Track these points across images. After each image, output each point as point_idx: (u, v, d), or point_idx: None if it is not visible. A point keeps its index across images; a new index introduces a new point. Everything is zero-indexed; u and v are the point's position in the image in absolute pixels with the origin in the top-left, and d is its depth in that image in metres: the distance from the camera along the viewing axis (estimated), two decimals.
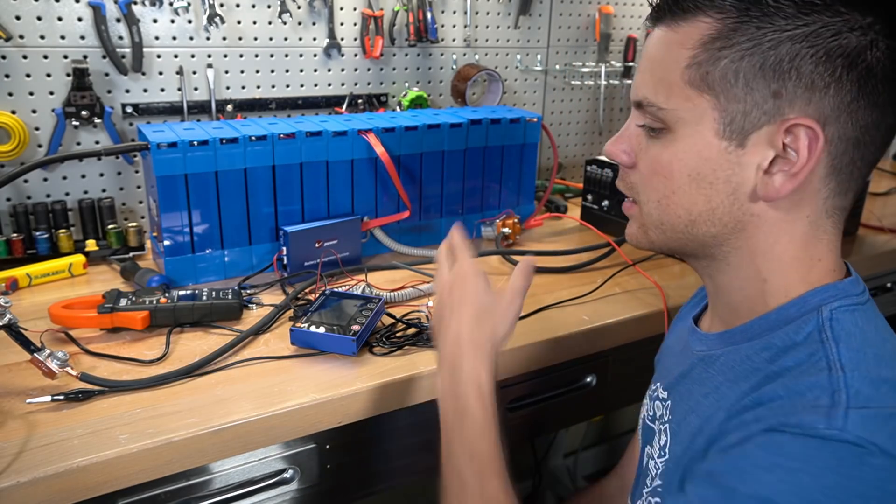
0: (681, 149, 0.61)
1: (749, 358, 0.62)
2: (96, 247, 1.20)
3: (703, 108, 0.59)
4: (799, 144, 0.57)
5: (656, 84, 0.61)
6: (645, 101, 0.62)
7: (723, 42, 0.57)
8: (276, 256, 1.16)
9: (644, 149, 0.65)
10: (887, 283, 1.48)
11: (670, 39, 0.61)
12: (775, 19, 0.55)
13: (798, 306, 0.61)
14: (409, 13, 1.47)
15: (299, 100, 1.41)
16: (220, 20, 1.28)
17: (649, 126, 0.63)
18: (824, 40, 0.54)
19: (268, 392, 0.83)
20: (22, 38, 1.15)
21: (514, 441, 1.12)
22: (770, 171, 0.58)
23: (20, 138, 1.16)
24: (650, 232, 0.67)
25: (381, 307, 0.97)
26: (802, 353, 0.57)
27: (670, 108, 0.60)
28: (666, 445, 0.68)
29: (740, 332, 0.65)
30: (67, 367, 0.80)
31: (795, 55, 0.55)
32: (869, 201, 1.54)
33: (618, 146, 0.67)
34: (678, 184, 0.62)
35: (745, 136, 0.58)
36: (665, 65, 0.61)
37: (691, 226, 0.63)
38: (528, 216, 1.43)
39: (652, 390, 0.80)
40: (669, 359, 0.79)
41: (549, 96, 1.76)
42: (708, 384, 0.65)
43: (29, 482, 0.68)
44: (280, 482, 0.87)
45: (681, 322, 0.84)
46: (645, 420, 0.79)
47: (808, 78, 0.55)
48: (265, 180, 1.13)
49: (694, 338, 0.73)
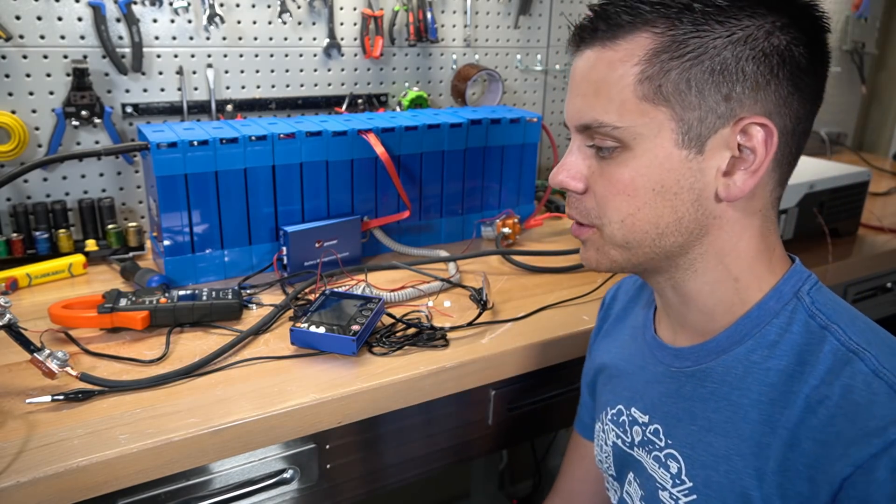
0: (642, 164, 0.60)
1: (751, 361, 0.62)
2: (96, 247, 1.20)
3: (661, 121, 0.59)
4: (754, 142, 0.59)
5: (605, 104, 0.60)
6: (595, 123, 0.61)
7: (669, 54, 0.58)
8: (276, 256, 1.16)
9: (597, 171, 0.64)
10: (887, 283, 1.48)
11: (610, 58, 0.60)
12: (712, 26, 0.57)
13: (775, 298, 0.63)
14: (409, 13, 1.47)
15: (299, 100, 1.41)
16: (220, 20, 1.28)
17: (600, 147, 0.62)
18: (759, 41, 0.57)
19: (268, 392, 0.83)
20: (22, 38, 1.15)
21: (514, 441, 1.12)
22: (730, 173, 0.60)
23: (20, 138, 1.16)
24: (612, 252, 0.65)
25: (380, 307, 0.97)
26: (810, 341, 0.59)
27: (626, 126, 0.60)
28: (681, 472, 0.65)
29: (727, 337, 0.64)
30: (67, 367, 0.80)
31: (739, 58, 0.57)
32: (869, 201, 1.54)
33: (567, 174, 0.65)
34: (643, 199, 0.61)
35: (702, 142, 0.59)
36: (611, 83, 0.60)
37: (659, 239, 0.62)
38: (528, 216, 1.43)
39: (615, 414, 0.77)
40: (630, 379, 0.76)
41: (549, 96, 1.76)
42: (714, 398, 0.64)
43: (29, 482, 0.68)
44: (280, 482, 0.87)
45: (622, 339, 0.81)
46: (618, 446, 0.76)
47: (752, 78, 0.58)
48: (265, 180, 1.13)
49: (665, 353, 0.71)
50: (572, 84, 0.65)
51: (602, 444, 0.80)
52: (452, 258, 1.23)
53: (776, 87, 0.58)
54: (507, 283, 1.18)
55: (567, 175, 0.65)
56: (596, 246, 0.67)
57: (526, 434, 1.11)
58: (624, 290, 0.87)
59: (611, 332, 0.85)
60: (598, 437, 0.82)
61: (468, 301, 1.08)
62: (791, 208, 1.31)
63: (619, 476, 0.77)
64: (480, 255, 1.27)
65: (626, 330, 0.82)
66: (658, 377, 0.71)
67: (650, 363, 0.73)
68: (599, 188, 0.63)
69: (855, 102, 2.36)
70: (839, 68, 2.23)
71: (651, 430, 0.70)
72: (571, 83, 0.65)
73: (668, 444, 0.68)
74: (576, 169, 0.65)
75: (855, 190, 1.43)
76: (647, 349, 0.74)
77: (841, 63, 2.24)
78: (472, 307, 1.05)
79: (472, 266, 1.24)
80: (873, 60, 2.32)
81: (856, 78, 2.27)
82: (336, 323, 0.92)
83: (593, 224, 0.66)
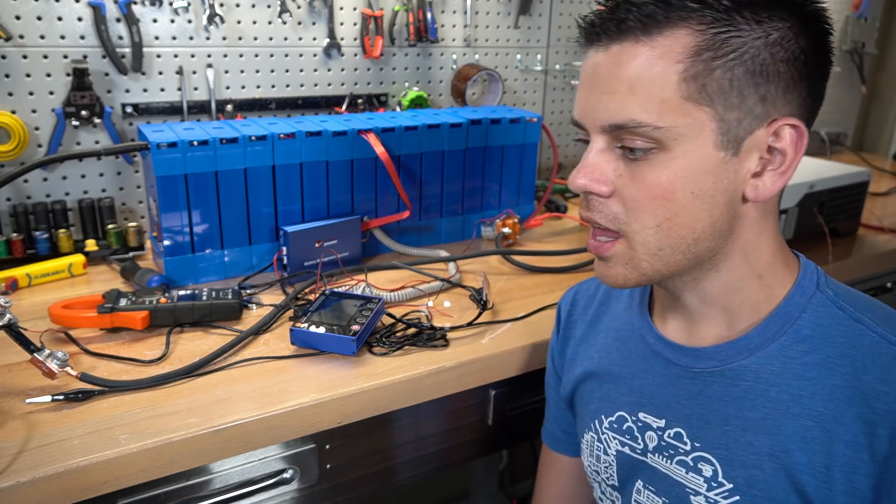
0: (681, 166, 0.58)
1: (788, 357, 0.62)
2: (96, 247, 1.20)
3: (703, 121, 0.57)
4: (784, 143, 0.59)
5: (644, 103, 0.57)
6: (631, 122, 0.58)
7: (712, 52, 0.56)
8: (275, 256, 1.16)
9: (625, 174, 0.60)
10: (887, 283, 1.48)
11: (647, 54, 0.57)
12: (750, 26, 0.57)
13: (799, 293, 0.64)
14: (409, 13, 1.47)
15: (299, 100, 1.41)
16: (219, 20, 1.28)
17: (631, 149, 0.59)
18: (790, 43, 0.57)
19: (268, 392, 0.83)
20: (22, 38, 1.15)
21: (514, 441, 1.12)
22: (759, 174, 0.60)
23: (20, 138, 1.16)
24: (642, 264, 0.62)
25: (380, 307, 0.97)
26: (845, 334, 0.60)
27: (667, 126, 0.57)
28: (717, 475, 0.64)
29: (758, 334, 0.63)
30: (67, 367, 0.80)
31: (775, 59, 0.57)
32: (869, 201, 1.54)
33: (591, 177, 0.61)
34: (681, 203, 0.59)
35: (739, 143, 0.59)
36: (650, 81, 0.57)
37: (694, 244, 0.61)
38: (528, 216, 1.43)
39: (615, 421, 0.74)
40: (628, 383, 0.73)
41: (549, 96, 1.76)
42: (750, 397, 0.63)
43: (29, 482, 0.68)
44: (280, 482, 0.87)
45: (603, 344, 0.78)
46: (625, 454, 0.73)
47: (784, 79, 0.58)
48: (265, 180, 1.13)
49: (681, 354, 0.68)
50: (593, 81, 0.61)
51: (599, 455, 0.77)
52: (452, 258, 1.23)
53: (800, 89, 0.59)
54: (507, 283, 1.18)
55: (590, 178, 0.61)
56: (624, 260, 0.63)
57: (526, 434, 1.11)
58: (583, 294, 0.85)
59: (586, 338, 0.81)
60: (590, 449, 0.78)
61: (468, 301, 1.08)
62: (791, 208, 1.31)
63: (622, 486, 0.75)
64: (480, 255, 1.27)
65: (604, 333, 0.79)
66: (671, 379, 0.69)
67: (657, 365, 0.71)
68: (630, 192, 0.60)
69: (855, 102, 2.36)
70: (839, 68, 2.23)
71: (671, 434, 0.68)
72: (591, 80, 0.61)
73: (695, 446, 0.66)
74: (599, 171, 0.61)
75: (855, 190, 1.43)
76: (651, 352, 0.72)
77: (841, 63, 2.24)
78: (473, 307, 1.05)
79: (472, 266, 1.24)
80: (873, 60, 2.32)
81: (856, 78, 2.27)
82: (336, 323, 0.92)
83: (619, 230, 0.62)
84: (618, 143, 0.60)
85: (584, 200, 0.64)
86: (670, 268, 0.63)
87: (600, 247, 0.64)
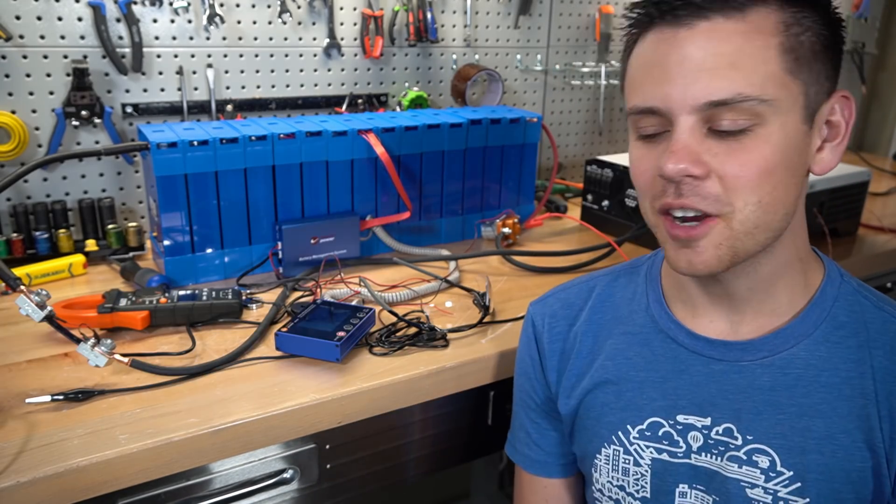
0: (780, 139, 0.58)
1: (831, 342, 0.65)
2: (96, 247, 1.20)
3: (796, 94, 0.59)
4: (838, 116, 0.62)
5: (748, 76, 0.57)
6: (739, 96, 0.56)
7: (798, 27, 0.58)
8: (271, 252, 1.16)
9: (721, 152, 0.58)
10: (887, 283, 1.48)
11: (743, 30, 0.57)
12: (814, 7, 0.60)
13: (829, 282, 0.67)
14: (409, 13, 1.47)
15: (299, 100, 1.41)
16: (220, 20, 1.28)
17: (730, 129, 0.58)
18: (838, 27, 0.61)
19: (268, 392, 0.83)
20: (22, 38, 1.15)
21: None
22: (821, 148, 0.63)
23: (20, 138, 1.16)
24: (737, 244, 0.60)
25: (370, 317, 0.96)
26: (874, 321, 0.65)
27: (771, 98, 0.57)
28: (776, 465, 0.64)
29: (801, 323, 0.66)
30: (115, 354, 0.82)
31: (835, 39, 0.61)
32: (869, 201, 1.54)
33: (688, 159, 0.58)
34: (779, 178, 0.59)
35: (812, 116, 0.61)
36: (752, 55, 0.57)
37: (783, 220, 0.61)
38: (528, 216, 1.43)
39: (646, 429, 0.70)
40: (660, 387, 0.70)
41: (549, 96, 1.76)
42: (802, 383, 0.64)
43: (29, 482, 0.68)
44: (280, 482, 0.87)
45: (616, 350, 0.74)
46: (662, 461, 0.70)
47: (834, 58, 0.61)
48: (265, 180, 1.13)
49: (724, 350, 0.67)
50: (680, 59, 0.58)
51: (627, 468, 0.72)
52: (453, 257, 1.23)
53: (838, 68, 0.63)
54: (507, 283, 1.18)
55: (689, 160, 0.58)
56: (718, 241, 0.60)
57: None
58: (561, 306, 0.80)
59: (584, 352, 0.77)
60: (613, 464, 0.73)
61: (469, 301, 1.08)
62: None
63: (656, 496, 0.71)
64: (481, 255, 1.27)
65: (614, 339, 0.75)
66: (714, 376, 0.67)
67: (695, 364, 0.69)
68: (732, 169, 0.58)
69: (855, 102, 2.35)
70: None
71: (719, 432, 0.67)
72: (676, 59, 0.58)
73: (748, 440, 0.65)
74: (695, 153, 0.58)
75: (855, 190, 1.43)
76: (686, 351, 0.69)
77: None
78: (473, 307, 1.05)
79: (473, 266, 1.24)
80: (873, 60, 2.32)
81: (856, 78, 2.27)
82: (321, 329, 0.91)
83: (717, 212, 0.59)
84: (710, 123, 0.58)
85: (671, 188, 0.60)
86: (758, 247, 0.61)
87: (692, 231, 0.61)
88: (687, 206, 0.60)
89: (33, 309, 0.77)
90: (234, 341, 0.94)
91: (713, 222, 0.60)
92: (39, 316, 0.78)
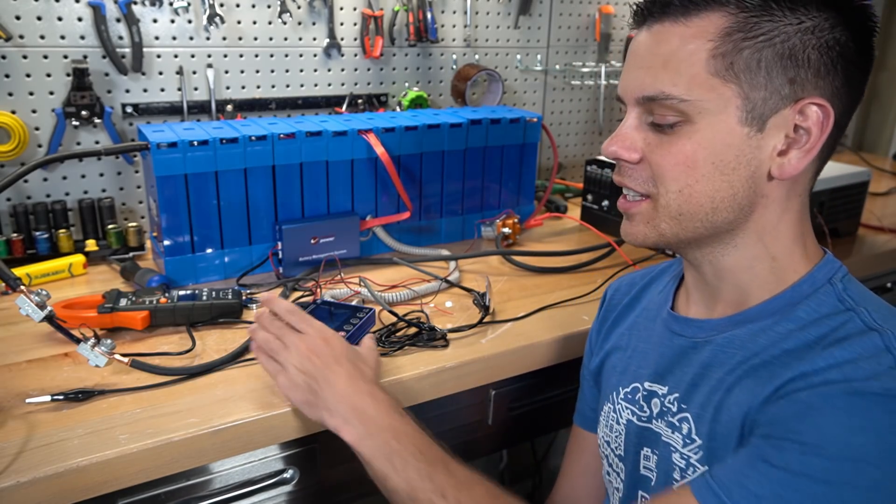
0: (705, 138, 0.63)
1: (776, 332, 0.65)
2: (96, 247, 1.20)
3: (728, 97, 0.62)
4: (810, 122, 0.62)
5: (674, 77, 0.62)
6: (661, 94, 0.63)
7: (743, 34, 0.61)
8: (271, 252, 1.16)
9: (654, 143, 0.65)
10: (887, 283, 1.48)
11: (683, 33, 0.62)
12: (784, 13, 0.60)
13: (809, 283, 0.66)
14: (409, 13, 1.47)
15: (299, 100, 1.41)
16: (220, 20, 1.28)
17: (659, 122, 0.64)
18: (825, 33, 0.61)
19: (268, 392, 0.83)
20: (22, 38, 1.15)
21: (514, 441, 1.12)
22: (784, 152, 0.63)
23: (20, 138, 1.16)
24: (662, 225, 0.67)
25: (371, 317, 0.96)
26: (835, 321, 0.62)
27: (693, 99, 0.62)
28: (691, 432, 0.68)
29: (759, 310, 0.67)
30: (115, 354, 0.82)
31: (806, 45, 0.61)
32: (869, 201, 1.54)
33: (621, 145, 0.67)
34: (702, 172, 0.63)
35: (764, 120, 0.62)
36: (682, 58, 0.62)
37: (712, 213, 0.65)
38: (528, 216, 1.43)
39: (629, 392, 0.78)
40: (646, 357, 0.78)
41: (549, 96, 1.76)
42: (731, 362, 0.66)
43: (29, 482, 0.68)
44: (280, 482, 0.87)
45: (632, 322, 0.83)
46: (633, 423, 0.77)
47: (815, 65, 0.61)
48: (265, 180, 1.13)
49: (686, 326, 0.74)
50: (634, 58, 0.66)
51: (613, 424, 0.80)
52: (453, 257, 1.23)
53: (833, 77, 0.62)
54: (507, 283, 1.18)
55: (621, 146, 0.67)
56: (646, 219, 0.68)
57: (526, 434, 1.11)
58: (628, 280, 0.90)
59: (619, 321, 0.86)
60: (606, 419, 0.82)
61: (469, 301, 1.08)
62: None
63: (627, 455, 0.78)
64: (481, 255, 1.27)
65: (637, 313, 0.84)
66: (676, 349, 0.73)
67: (667, 338, 0.75)
68: (657, 158, 0.65)
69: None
70: None
71: (670, 400, 0.72)
72: (633, 57, 0.67)
73: (682, 408, 0.70)
74: (630, 140, 0.67)
75: (855, 190, 1.43)
76: (663, 325, 0.77)
77: None
78: (473, 307, 1.05)
79: (473, 266, 1.24)
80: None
81: None
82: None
83: (647, 193, 0.67)
84: (649, 117, 0.65)
85: (617, 167, 0.70)
86: (688, 233, 0.67)
87: (629, 205, 0.70)
88: (623, 185, 0.70)
89: (33, 309, 0.77)
90: (234, 341, 0.94)
91: (645, 202, 0.68)
92: (39, 316, 0.78)
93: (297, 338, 0.78)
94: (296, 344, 0.77)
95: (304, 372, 0.76)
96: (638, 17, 0.67)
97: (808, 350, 0.60)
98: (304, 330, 0.79)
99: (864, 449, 0.53)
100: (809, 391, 0.56)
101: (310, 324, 0.80)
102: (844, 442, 0.53)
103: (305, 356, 0.76)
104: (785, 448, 0.55)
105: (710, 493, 0.57)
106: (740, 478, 0.56)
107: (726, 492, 0.56)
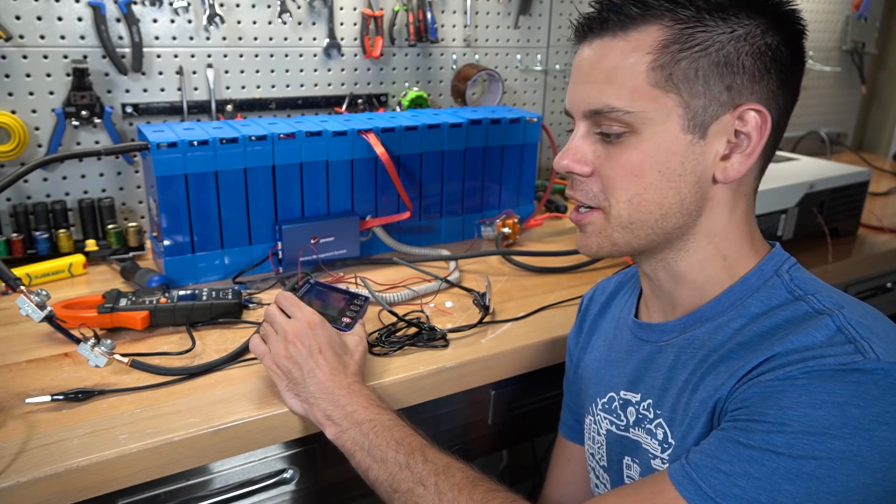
0: (650, 147, 0.64)
1: (732, 328, 0.66)
2: (96, 247, 1.20)
3: (670, 107, 0.63)
4: (749, 127, 0.64)
5: (617, 90, 0.64)
6: (606, 108, 0.65)
7: (679, 45, 0.62)
8: (271, 251, 1.16)
9: (602, 155, 0.67)
10: (887, 283, 1.48)
11: (622, 47, 0.64)
12: (716, 23, 0.62)
13: (757, 275, 0.68)
14: (409, 13, 1.47)
15: (299, 100, 1.41)
16: (220, 20, 1.28)
17: (607, 133, 0.66)
18: (756, 39, 0.63)
19: (268, 392, 0.83)
20: (22, 38, 1.15)
21: (514, 441, 1.12)
22: (727, 157, 0.65)
23: (20, 138, 1.16)
24: (614, 235, 0.69)
25: (366, 304, 0.94)
26: (788, 310, 0.63)
27: (637, 111, 0.64)
28: (667, 437, 0.69)
29: (711, 308, 0.69)
30: (115, 354, 0.82)
31: (739, 52, 0.63)
32: (869, 201, 1.54)
33: (572, 158, 0.68)
34: (649, 181, 0.65)
35: (705, 127, 0.64)
36: (623, 71, 0.64)
37: (662, 220, 0.66)
38: (528, 216, 1.43)
39: (606, 402, 0.78)
40: (618, 366, 0.79)
41: (549, 96, 1.76)
42: (694, 361, 0.68)
43: (29, 482, 0.68)
44: (280, 482, 0.87)
45: (604, 332, 0.84)
46: (612, 433, 0.77)
47: (750, 71, 0.63)
48: (265, 180, 1.13)
49: (650, 331, 0.75)
50: (578, 73, 0.68)
51: (594, 436, 0.81)
52: (453, 257, 1.23)
53: (768, 81, 0.64)
54: (507, 283, 1.18)
55: (572, 159, 0.68)
56: (598, 230, 0.70)
57: (526, 434, 1.11)
58: (600, 289, 0.91)
59: (593, 329, 0.88)
60: (588, 432, 0.82)
61: (469, 301, 1.08)
62: (791, 208, 1.31)
63: (610, 465, 0.78)
64: (481, 255, 1.27)
65: (607, 324, 0.85)
66: (644, 356, 0.74)
67: (635, 346, 0.76)
68: (606, 170, 0.67)
69: (855, 102, 2.36)
70: (839, 68, 2.23)
71: (645, 407, 0.73)
72: (577, 72, 0.68)
73: (657, 414, 0.71)
74: (581, 153, 0.68)
75: (855, 190, 1.43)
76: (630, 333, 0.78)
77: (841, 63, 2.24)
78: (473, 307, 1.05)
79: (473, 266, 1.24)
80: (873, 60, 2.32)
81: (856, 78, 2.27)
82: (325, 312, 0.88)
83: (598, 206, 0.69)
84: (597, 129, 0.67)
85: (570, 180, 0.71)
86: (640, 241, 0.68)
87: (581, 217, 0.72)
88: (574, 198, 0.71)
89: (33, 309, 0.78)
90: (234, 341, 0.94)
91: (596, 213, 0.70)
92: (39, 316, 0.78)
93: (286, 323, 0.80)
94: (283, 328, 0.80)
95: (287, 357, 0.79)
96: (579, 33, 0.68)
97: (763, 340, 0.62)
98: (294, 314, 0.82)
99: (825, 421, 0.54)
100: (771, 374, 0.58)
101: (299, 308, 0.82)
102: (805, 417, 0.55)
103: (291, 341, 0.79)
104: (751, 428, 0.57)
105: (684, 475, 0.58)
106: (712, 459, 0.58)
107: (699, 472, 0.58)
